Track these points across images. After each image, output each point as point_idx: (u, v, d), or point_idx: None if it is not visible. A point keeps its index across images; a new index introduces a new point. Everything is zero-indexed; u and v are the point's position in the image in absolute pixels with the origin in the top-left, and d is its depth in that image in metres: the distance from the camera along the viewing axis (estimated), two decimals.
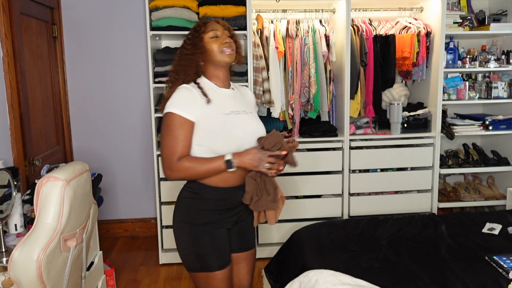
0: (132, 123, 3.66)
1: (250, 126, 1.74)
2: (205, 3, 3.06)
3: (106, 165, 3.64)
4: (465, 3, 3.54)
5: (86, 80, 3.55)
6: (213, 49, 1.69)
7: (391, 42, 3.31)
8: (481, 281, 1.95)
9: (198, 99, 1.65)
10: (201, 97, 1.66)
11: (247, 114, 1.76)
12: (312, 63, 3.18)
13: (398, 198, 3.38)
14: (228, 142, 1.65)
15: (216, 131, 1.65)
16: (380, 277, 2.01)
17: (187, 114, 1.62)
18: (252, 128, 1.74)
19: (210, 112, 1.65)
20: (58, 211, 1.54)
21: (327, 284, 1.74)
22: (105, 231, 3.73)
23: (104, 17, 3.50)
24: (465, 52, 3.59)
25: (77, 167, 1.72)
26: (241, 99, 1.81)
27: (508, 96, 3.47)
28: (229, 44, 1.70)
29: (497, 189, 3.63)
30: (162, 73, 3.08)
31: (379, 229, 2.61)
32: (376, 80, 3.32)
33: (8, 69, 2.49)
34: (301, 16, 3.36)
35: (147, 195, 3.75)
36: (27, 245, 1.49)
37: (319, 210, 3.29)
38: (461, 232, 2.55)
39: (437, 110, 3.30)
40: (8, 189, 1.90)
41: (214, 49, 1.69)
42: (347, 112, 3.24)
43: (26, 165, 2.67)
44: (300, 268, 2.20)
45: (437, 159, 3.35)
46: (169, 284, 2.99)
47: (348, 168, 3.29)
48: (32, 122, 2.82)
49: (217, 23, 1.74)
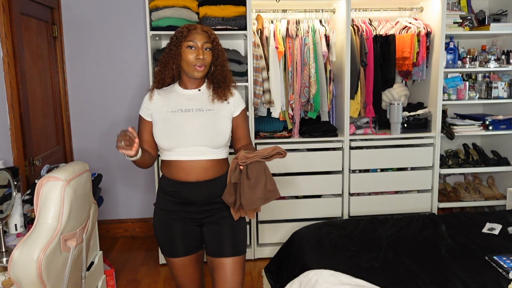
0: (132, 123, 3.64)
1: (196, 124, 1.76)
2: (205, 3, 3.06)
3: (106, 165, 3.64)
4: (465, 3, 3.55)
5: (86, 80, 3.55)
6: (187, 60, 1.75)
7: (391, 42, 3.31)
8: (481, 281, 1.95)
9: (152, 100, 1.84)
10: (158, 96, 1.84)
11: (201, 111, 1.78)
12: (312, 63, 3.18)
13: (398, 198, 3.38)
14: (164, 137, 1.77)
15: (157, 126, 1.79)
16: (380, 277, 2.01)
17: (144, 115, 1.85)
18: (197, 126, 1.76)
19: (157, 111, 1.81)
20: (58, 211, 1.54)
21: (327, 284, 1.74)
22: (105, 231, 3.73)
23: (104, 17, 3.50)
24: (465, 52, 3.59)
25: (77, 167, 1.72)
26: (203, 99, 1.81)
27: (508, 96, 3.47)
28: (201, 61, 1.73)
29: (497, 189, 3.64)
30: None
31: (379, 229, 2.61)
32: (376, 80, 3.32)
33: (8, 69, 2.49)
34: (301, 16, 3.36)
35: (147, 195, 3.75)
36: (27, 245, 1.49)
37: (319, 210, 3.29)
38: (461, 232, 2.55)
39: (437, 110, 3.30)
40: (8, 189, 1.90)
41: (188, 60, 1.74)
42: (347, 112, 3.24)
43: (26, 165, 2.67)
44: (300, 268, 2.20)
45: (437, 159, 3.35)
46: (169, 284, 2.99)
47: (348, 168, 3.29)
48: (32, 122, 2.82)
49: (199, 33, 1.75)
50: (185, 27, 1.78)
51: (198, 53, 1.73)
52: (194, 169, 1.76)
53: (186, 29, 1.76)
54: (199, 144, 1.75)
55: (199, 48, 1.73)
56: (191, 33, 1.75)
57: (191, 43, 1.73)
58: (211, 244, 1.84)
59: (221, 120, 1.79)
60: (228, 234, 1.83)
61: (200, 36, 1.74)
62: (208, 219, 1.83)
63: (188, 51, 1.74)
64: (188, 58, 1.74)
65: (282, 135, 3.26)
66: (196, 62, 1.73)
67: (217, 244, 1.83)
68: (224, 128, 1.79)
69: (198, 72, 1.75)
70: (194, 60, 1.73)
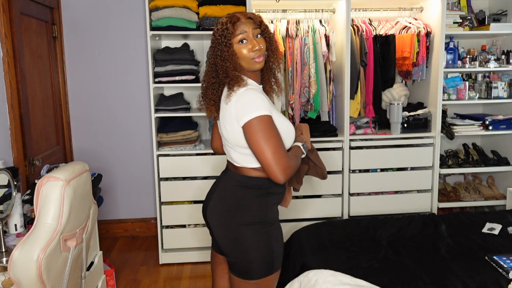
0: (132, 123, 3.65)
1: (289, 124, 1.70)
2: (205, 3, 3.06)
3: (106, 165, 3.64)
4: (465, 3, 3.54)
5: (86, 80, 3.55)
6: (243, 56, 1.59)
7: (391, 42, 3.31)
8: (481, 281, 1.95)
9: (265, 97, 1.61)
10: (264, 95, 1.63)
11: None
12: (312, 63, 3.18)
13: (398, 198, 3.38)
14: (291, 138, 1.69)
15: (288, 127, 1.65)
16: (380, 277, 2.01)
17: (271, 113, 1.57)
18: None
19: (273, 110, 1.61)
20: (58, 211, 1.54)
21: (327, 284, 1.74)
22: (105, 231, 3.73)
23: (104, 17, 3.50)
24: (465, 52, 3.59)
25: (77, 167, 1.72)
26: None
27: (508, 96, 3.47)
28: (258, 51, 1.58)
29: (497, 189, 3.64)
30: (162, 73, 3.08)
31: (379, 229, 2.61)
32: (376, 80, 3.32)
33: (8, 69, 2.49)
34: (301, 16, 3.36)
35: (147, 195, 3.75)
36: (27, 245, 1.49)
37: (319, 210, 3.29)
38: (461, 232, 2.55)
39: (437, 110, 3.30)
40: (8, 189, 1.90)
41: (243, 56, 1.59)
42: (347, 112, 3.24)
43: (26, 165, 2.67)
44: (300, 268, 2.21)
45: (437, 159, 3.35)
46: (169, 284, 2.99)
47: (348, 168, 3.29)
48: (32, 122, 2.82)
49: (245, 22, 1.58)
50: (227, 21, 1.58)
51: (253, 44, 1.58)
52: None
53: (230, 24, 1.57)
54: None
55: (252, 39, 1.58)
56: (236, 25, 1.57)
57: (240, 35, 1.57)
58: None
59: None
60: None
61: (247, 25, 1.58)
62: None
63: (241, 46, 1.58)
64: (243, 54, 1.58)
65: None
66: (253, 54, 1.58)
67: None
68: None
69: (258, 64, 1.60)
70: (251, 53, 1.58)
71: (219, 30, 1.59)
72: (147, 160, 3.68)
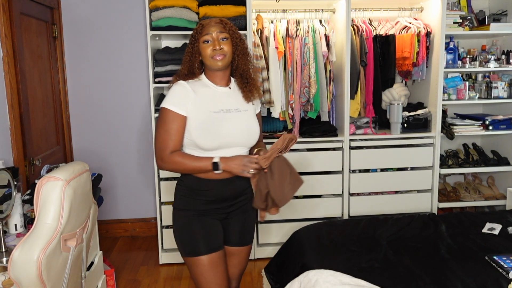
0: (132, 123, 3.66)
1: (238, 125, 1.78)
2: (205, 3, 3.06)
3: (106, 165, 3.64)
4: (465, 3, 3.54)
5: (86, 80, 3.55)
6: (205, 55, 1.75)
7: (391, 42, 3.31)
8: (481, 281, 1.95)
9: (190, 95, 1.74)
10: (193, 93, 1.75)
11: (239, 112, 1.81)
12: (312, 63, 3.18)
13: (398, 198, 3.38)
14: (210, 140, 1.72)
15: (201, 127, 1.72)
16: (380, 277, 2.01)
17: (179, 109, 1.72)
18: (239, 128, 1.78)
19: (199, 109, 1.74)
20: (58, 211, 1.54)
21: (327, 284, 1.74)
22: (105, 231, 3.73)
23: (104, 17, 3.50)
24: (465, 52, 3.59)
25: (77, 167, 1.72)
26: (237, 98, 1.84)
27: (508, 96, 3.47)
28: (219, 51, 1.73)
29: (497, 189, 3.64)
30: (162, 73, 3.08)
31: (379, 229, 2.61)
32: (376, 80, 3.32)
33: (8, 69, 2.49)
34: (301, 16, 3.36)
35: (147, 195, 3.75)
36: (27, 245, 1.49)
37: (319, 210, 3.29)
38: (461, 232, 2.55)
39: (437, 110, 3.30)
40: (8, 189, 1.90)
41: (206, 55, 1.75)
42: (347, 112, 3.24)
43: (26, 165, 2.67)
44: (300, 268, 2.20)
45: (437, 159, 3.35)
46: (169, 284, 2.99)
47: (348, 168, 3.29)
48: (32, 122, 2.82)
49: (213, 25, 1.76)
50: (200, 23, 1.79)
51: (214, 44, 1.73)
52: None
53: (200, 25, 1.78)
54: (236, 145, 1.78)
55: (215, 40, 1.74)
56: (205, 27, 1.76)
57: (206, 36, 1.74)
58: (235, 235, 1.90)
59: (253, 120, 1.85)
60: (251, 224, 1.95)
61: (214, 28, 1.75)
62: (235, 212, 1.88)
63: (205, 46, 1.75)
64: (205, 52, 1.75)
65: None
66: (213, 53, 1.73)
67: (242, 234, 1.91)
68: (256, 128, 1.85)
69: (218, 61, 1.74)
70: (211, 52, 1.74)
71: (194, 30, 1.80)
72: (147, 160, 3.68)
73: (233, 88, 1.86)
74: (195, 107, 1.73)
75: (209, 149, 1.74)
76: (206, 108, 1.75)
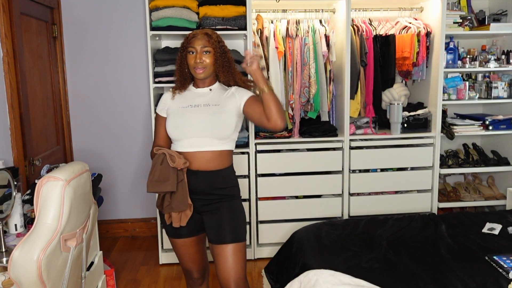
0: (132, 123, 3.66)
1: (201, 117, 1.93)
2: (205, 3, 3.06)
3: (106, 165, 3.64)
4: (465, 3, 3.54)
5: (86, 80, 3.55)
6: (189, 64, 1.97)
7: (391, 42, 3.31)
8: (481, 281, 1.95)
9: (169, 98, 2.04)
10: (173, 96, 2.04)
11: (208, 106, 1.95)
12: (312, 63, 3.18)
13: (398, 198, 3.38)
14: (176, 131, 1.94)
15: (171, 120, 1.97)
16: (380, 277, 2.01)
17: (161, 111, 2.05)
18: (202, 119, 1.92)
19: (174, 107, 2.00)
20: (58, 211, 1.54)
21: (327, 284, 1.74)
22: (105, 231, 3.73)
23: (104, 17, 3.50)
24: (465, 52, 3.59)
25: (77, 167, 1.72)
26: (212, 96, 1.99)
27: (508, 96, 3.47)
28: (200, 64, 1.92)
29: (497, 189, 3.64)
30: (162, 73, 3.08)
31: (379, 229, 2.61)
32: (376, 80, 3.32)
33: (8, 69, 2.49)
34: (301, 16, 3.36)
35: (147, 195, 3.74)
36: (27, 245, 1.49)
37: (319, 210, 3.29)
38: (461, 232, 2.55)
39: (437, 110, 3.30)
40: (8, 189, 1.90)
41: (190, 64, 1.96)
42: (347, 112, 3.24)
43: (26, 165, 2.67)
44: (300, 268, 2.21)
45: (437, 159, 3.35)
46: (169, 284, 2.99)
47: (348, 168, 3.29)
48: (32, 122, 2.82)
49: (199, 38, 1.93)
50: (189, 34, 1.98)
51: (196, 57, 1.92)
52: (196, 158, 1.92)
53: (190, 35, 1.97)
54: (203, 136, 1.92)
55: (198, 52, 1.92)
56: (191, 39, 1.95)
57: (191, 48, 1.94)
58: (211, 232, 1.97)
59: (226, 113, 1.94)
60: (227, 221, 1.95)
61: (199, 41, 1.93)
62: (206, 207, 1.96)
63: (189, 56, 1.95)
64: (190, 62, 1.96)
65: (282, 135, 3.26)
66: (195, 65, 1.93)
67: (217, 231, 1.95)
68: (228, 120, 1.94)
69: (199, 74, 1.95)
70: (194, 63, 1.94)
71: (184, 39, 2.00)
72: (147, 160, 3.68)
73: (215, 90, 2.02)
74: (171, 107, 2.00)
75: (177, 139, 1.95)
76: (178, 105, 1.99)
